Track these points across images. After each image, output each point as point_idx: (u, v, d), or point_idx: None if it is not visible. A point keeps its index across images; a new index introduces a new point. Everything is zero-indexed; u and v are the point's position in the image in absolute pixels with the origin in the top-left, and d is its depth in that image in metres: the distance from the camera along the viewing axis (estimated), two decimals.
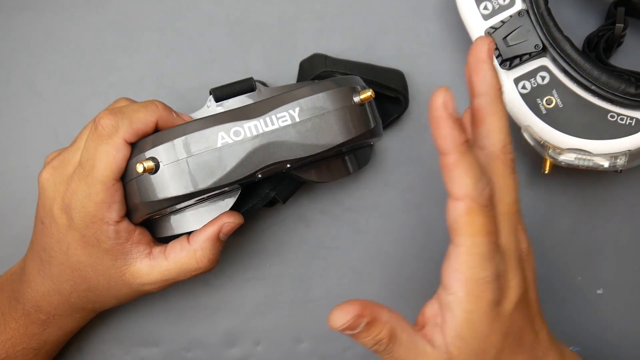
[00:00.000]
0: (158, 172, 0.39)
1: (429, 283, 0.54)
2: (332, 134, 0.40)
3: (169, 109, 0.42)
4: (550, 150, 0.44)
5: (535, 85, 0.44)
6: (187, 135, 0.39)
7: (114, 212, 0.41)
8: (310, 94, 0.40)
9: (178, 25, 0.52)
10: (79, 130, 0.50)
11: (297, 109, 0.40)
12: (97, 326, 0.52)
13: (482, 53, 0.36)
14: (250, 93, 0.46)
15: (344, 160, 0.47)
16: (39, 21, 0.52)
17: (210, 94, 0.46)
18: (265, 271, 0.53)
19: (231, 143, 0.39)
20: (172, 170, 0.39)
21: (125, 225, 0.42)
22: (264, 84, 0.49)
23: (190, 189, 0.39)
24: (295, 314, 0.53)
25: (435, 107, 0.33)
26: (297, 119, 0.40)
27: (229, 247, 0.52)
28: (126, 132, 0.40)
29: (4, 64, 0.52)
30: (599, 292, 0.53)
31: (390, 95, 0.50)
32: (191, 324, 0.52)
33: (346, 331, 0.35)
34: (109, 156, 0.40)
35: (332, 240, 0.53)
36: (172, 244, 0.44)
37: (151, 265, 0.43)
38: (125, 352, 0.52)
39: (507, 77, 0.46)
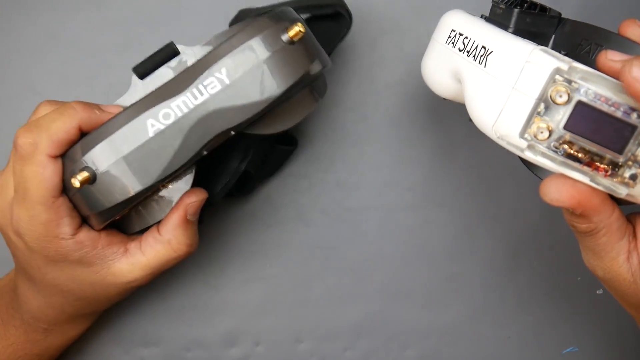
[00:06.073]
0: (97, 180, 0.36)
1: (429, 283, 0.54)
2: (270, 86, 0.36)
3: (89, 107, 0.39)
4: None
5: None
6: (114, 134, 0.36)
7: (66, 226, 0.39)
8: (232, 49, 0.36)
9: (178, 25, 0.52)
10: None
11: (223, 71, 0.36)
12: (97, 326, 0.51)
13: None
14: (174, 59, 0.40)
15: (299, 98, 0.41)
16: (39, 21, 0.52)
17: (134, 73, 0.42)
18: (265, 271, 0.53)
19: (163, 129, 0.36)
20: (111, 175, 0.36)
21: (85, 234, 0.39)
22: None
23: (136, 189, 0.37)
24: (295, 314, 0.53)
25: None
26: (227, 82, 0.36)
27: (229, 247, 0.52)
28: (47, 147, 0.37)
29: (4, 64, 0.52)
30: (599, 292, 0.53)
31: (329, 13, 0.45)
32: (191, 324, 0.52)
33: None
34: (37, 176, 0.37)
35: (332, 240, 0.53)
36: (145, 237, 0.41)
37: (131, 263, 0.41)
38: (125, 352, 0.52)
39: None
